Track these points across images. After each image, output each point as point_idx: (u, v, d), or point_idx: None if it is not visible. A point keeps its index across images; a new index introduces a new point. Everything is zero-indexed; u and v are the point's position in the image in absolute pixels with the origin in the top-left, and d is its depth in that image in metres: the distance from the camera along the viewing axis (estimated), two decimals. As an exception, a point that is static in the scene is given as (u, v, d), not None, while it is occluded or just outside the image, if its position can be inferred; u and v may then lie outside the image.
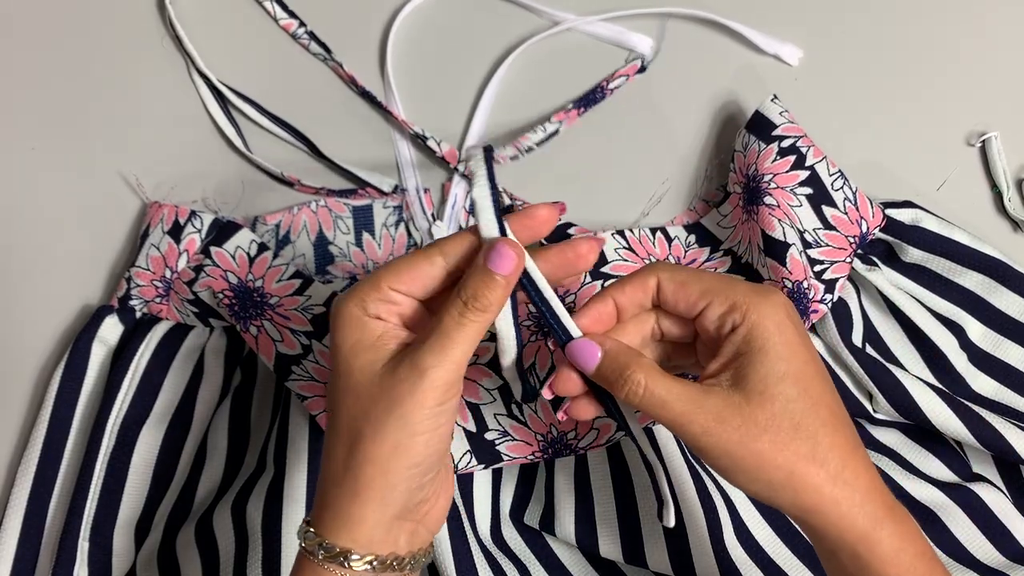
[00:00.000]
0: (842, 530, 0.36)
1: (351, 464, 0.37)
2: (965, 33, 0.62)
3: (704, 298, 0.38)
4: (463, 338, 0.36)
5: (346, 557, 0.37)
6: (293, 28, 0.62)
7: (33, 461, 0.53)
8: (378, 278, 0.38)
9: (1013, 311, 0.54)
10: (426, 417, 0.36)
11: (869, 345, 0.54)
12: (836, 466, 0.36)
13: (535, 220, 0.39)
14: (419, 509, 0.39)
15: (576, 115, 0.59)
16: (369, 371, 0.37)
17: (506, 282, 0.37)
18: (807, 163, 0.54)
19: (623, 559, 0.50)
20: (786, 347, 0.36)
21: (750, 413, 0.36)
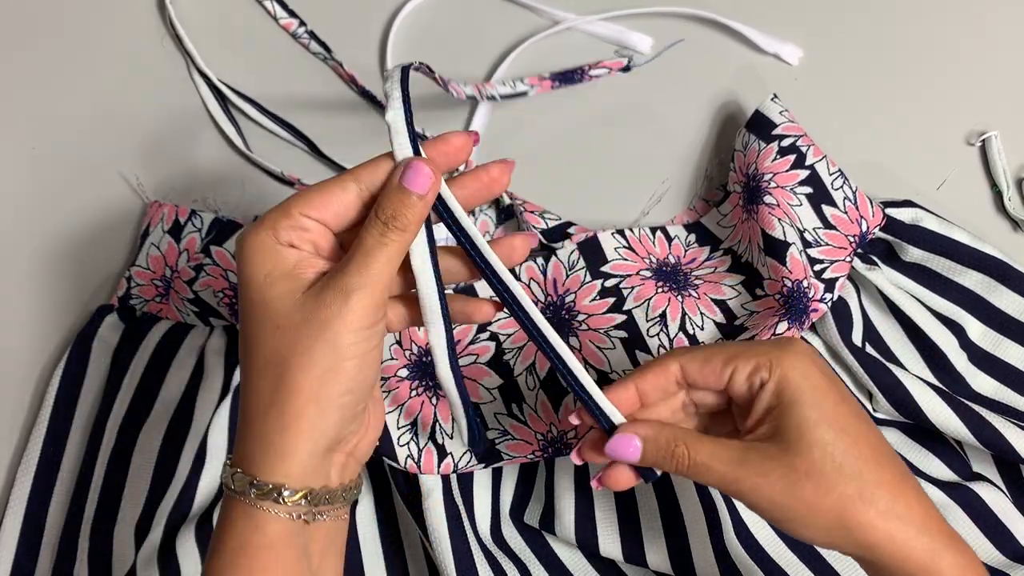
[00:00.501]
0: (900, 564, 0.36)
1: (277, 397, 0.36)
2: (965, 33, 0.62)
3: (729, 365, 0.39)
4: (385, 257, 0.36)
5: (279, 493, 0.36)
6: (293, 27, 0.62)
7: (33, 461, 0.53)
8: (288, 204, 0.37)
9: (1013, 310, 0.54)
10: (356, 341, 0.36)
11: (869, 344, 0.54)
12: (886, 502, 0.36)
13: (450, 146, 0.39)
14: (349, 440, 0.39)
15: (549, 85, 0.59)
16: (288, 300, 0.36)
17: (423, 202, 0.37)
18: (807, 162, 0.54)
19: (623, 558, 0.50)
20: (815, 393, 0.37)
21: (790, 462, 0.36)
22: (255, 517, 0.36)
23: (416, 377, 0.50)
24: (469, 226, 0.39)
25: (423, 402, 0.50)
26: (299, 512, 0.36)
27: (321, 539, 0.38)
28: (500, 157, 0.59)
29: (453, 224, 0.39)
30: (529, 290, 0.53)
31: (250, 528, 0.36)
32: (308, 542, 0.37)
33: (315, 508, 0.37)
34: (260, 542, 0.36)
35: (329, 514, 0.38)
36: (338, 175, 0.38)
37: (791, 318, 0.50)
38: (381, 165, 0.38)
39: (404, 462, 0.48)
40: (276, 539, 0.36)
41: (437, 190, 0.38)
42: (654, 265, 0.55)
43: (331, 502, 0.38)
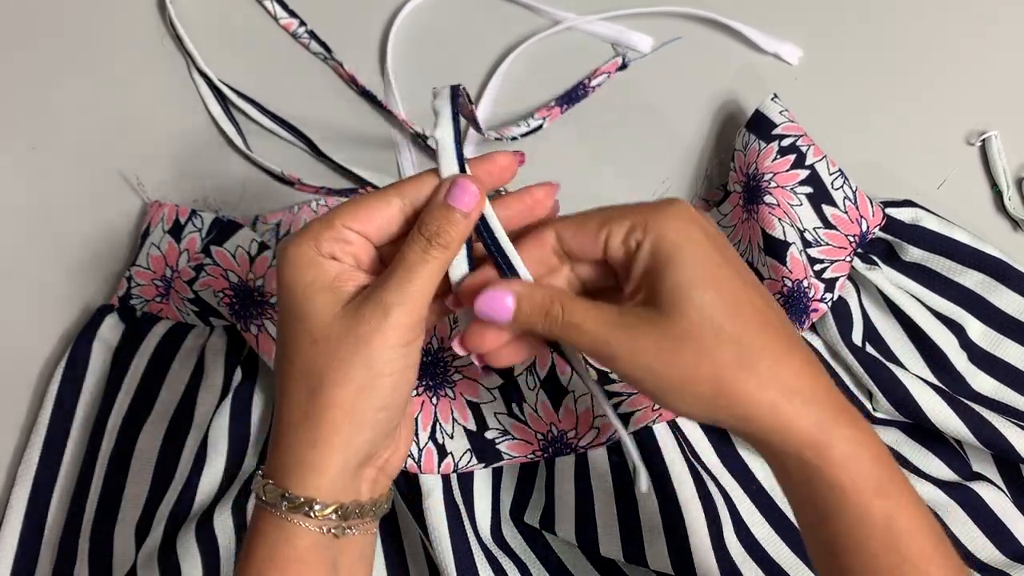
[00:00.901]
0: (786, 436, 0.34)
1: (312, 410, 0.35)
2: (965, 33, 0.62)
3: (603, 228, 0.36)
4: (427, 274, 0.36)
5: (310, 507, 0.36)
6: (293, 27, 0.62)
7: (33, 461, 0.53)
8: (332, 216, 0.36)
9: (1013, 310, 0.54)
10: (393, 358, 0.35)
11: (869, 344, 0.54)
12: (768, 369, 0.33)
13: (496, 166, 0.38)
14: (380, 456, 0.38)
15: (559, 112, 0.59)
16: (328, 312, 0.35)
17: (466, 220, 0.36)
18: (807, 162, 0.54)
19: (623, 558, 0.50)
20: (694, 252, 0.34)
21: (666, 326, 0.34)
22: (285, 530, 0.36)
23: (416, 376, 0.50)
24: (509, 248, 0.38)
25: (423, 402, 0.50)
26: (329, 526, 0.36)
27: (350, 553, 0.38)
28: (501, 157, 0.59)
29: (492, 244, 0.38)
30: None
31: (280, 540, 0.36)
32: (337, 556, 0.37)
33: (345, 523, 0.37)
34: (290, 555, 0.36)
35: (358, 528, 0.37)
36: (382, 188, 0.38)
37: (791, 317, 0.50)
38: (426, 181, 0.37)
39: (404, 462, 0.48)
40: (306, 552, 0.36)
41: (481, 209, 0.37)
42: (654, 265, 0.55)
43: (361, 516, 0.37)
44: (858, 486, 0.33)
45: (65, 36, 0.63)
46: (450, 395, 0.51)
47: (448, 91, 0.39)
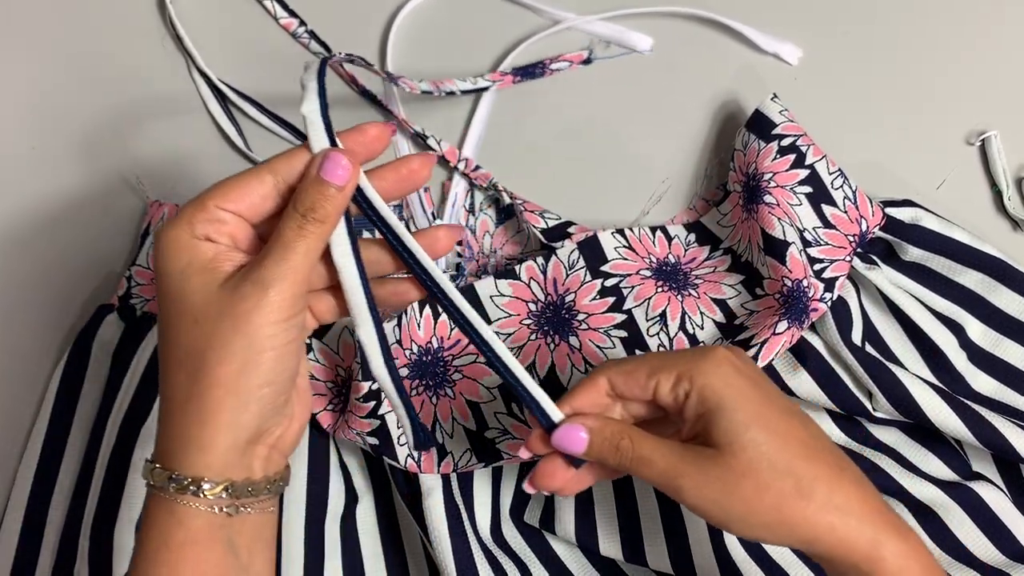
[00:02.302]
0: (844, 554, 0.36)
1: (195, 390, 0.36)
2: (965, 33, 0.62)
3: (652, 378, 0.39)
4: (304, 249, 0.36)
5: (198, 486, 0.36)
6: (293, 27, 0.62)
7: (33, 461, 0.53)
8: (204, 197, 0.36)
9: (1013, 310, 0.54)
10: (274, 333, 0.35)
11: (869, 344, 0.54)
12: (823, 495, 0.36)
13: (366, 136, 0.39)
14: (272, 432, 0.38)
15: (511, 81, 0.59)
16: (205, 292, 0.36)
17: (341, 193, 0.37)
18: (807, 162, 0.54)
19: (623, 558, 0.50)
20: (738, 398, 0.37)
21: (727, 463, 0.37)
22: (176, 512, 0.36)
23: (416, 376, 0.50)
24: (389, 216, 0.39)
25: (423, 401, 0.50)
26: (221, 505, 0.36)
27: (248, 532, 0.38)
28: (501, 158, 0.60)
29: (373, 215, 0.38)
30: (529, 289, 0.53)
31: (172, 524, 0.36)
32: (234, 536, 0.37)
33: (238, 501, 0.37)
34: (183, 538, 0.36)
35: (254, 507, 0.37)
36: (253, 167, 0.38)
37: (791, 317, 0.50)
38: (297, 156, 0.37)
39: (404, 461, 0.48)
40: (199, 534, 0.36)
41: (356, 181, 0.38)
42: (654, 265, 0.55)
43: (255, 494, 0.37)
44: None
45: (65, 36, 0.63)
46: (450, 395, 0.51)
47: (316, 64, 0.39)
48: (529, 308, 0.53)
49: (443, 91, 0.56)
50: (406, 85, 0.53)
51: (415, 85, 0.55)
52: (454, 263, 0.58)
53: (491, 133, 0.61)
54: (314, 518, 0.49)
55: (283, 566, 0.47)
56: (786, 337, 0.50)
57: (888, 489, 0.52)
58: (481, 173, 0.58)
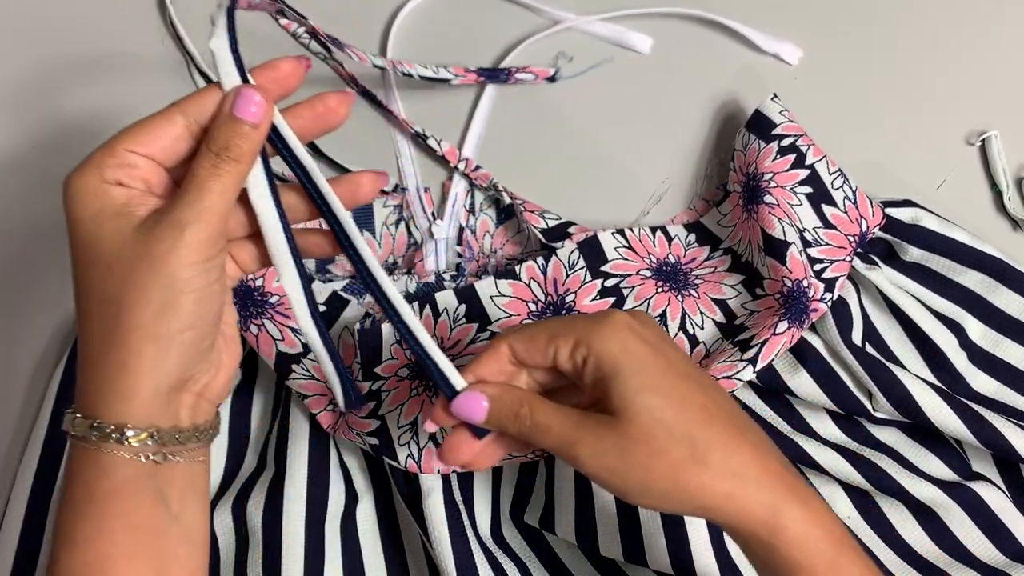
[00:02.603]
0: (743, 521, 0.36)
1: (114, 337, 0.34)
2: (965, 33, 0.62)
3: (551, 344, 0.38)
4: (220, 188, 0.35)
5: (121, 433, 0.34)
6: (293, 27, 0.62)
7: (34, 460, 0.53)
8: (113, 141, 0.35)
9: (1013, 310, 0.54)
10: (192, 275, 0.34)
11: (869, 344, 0.54)
12: (719, 460, 0.36)
13: (279, 72, 0.37)
14: (198, 380, 0.37)
15: (473, 79, 0.58)
16: (119, 238, 0.34)
17: (256, 130, 0.35)
18: (807, 162, 0.54)
19: (623, 558, 0.50)
20: (635, 363, 0.37)
21: (623, 430, 0.36)
22: (100, 462, 0.35)
23: (416, 376, 0.50)
24: (304, 157, 0.38)
25: (423, 402, 0.50)
26: (147, 453, 0.35)
27: (178, 482, 0.37)
28: (501, 158, 0.60)
29: (288, 155, 0.37)
30: (529, 289, 0.53)
31: (95, 474, 0.35)
32: (163, 485, 0.36)
33: (165, 448, 0.36)
34: (108, 487, 0.35)
35: (182, 455, 0.36)
36: (164, 108, 0.36)
37: (791, 318, 0.50)
38: (209, 95, 0.36)
39: (404, 462, 0.48)
40: (124, 483, 0.35)
41: (270, 119, 0.36)
42: (654, 265, 0.55)
43: (182, 442, 0.36)
44: (812, 563, 0.36)
45: (65, 36, 0.63)
46: (450, 395, 0.51)
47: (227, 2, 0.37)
48: (529, 308, 0.53)
49: (400, 71, 0.55)
50: (355, 54, 0.52)
51: (366, 57, 0.54)
52: (454, 263, 0.58)
53: (491, 133, 0.61)
54: (314, 518, 0.49)
55: (283, 567, 0.47)
56: (786, 337, 0.50)
57: (888, 489, 0.52)
58: (481, 173, 0.58)
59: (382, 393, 0.48)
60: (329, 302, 0.53)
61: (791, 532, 0.36)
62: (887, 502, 0.51)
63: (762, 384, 0.53)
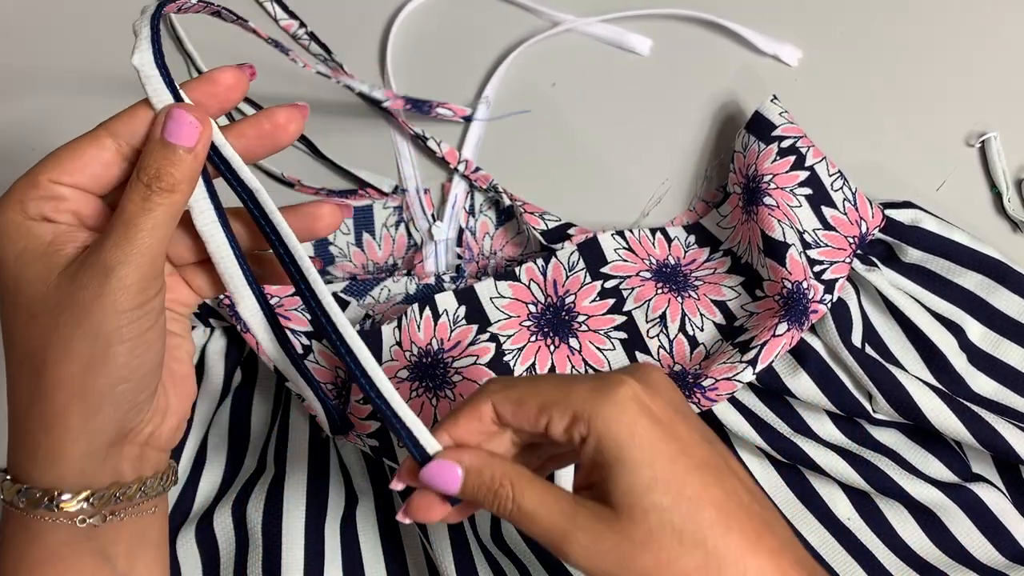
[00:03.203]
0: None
1: (38, 394, 0.31)
2: (965, 33, 0.62)
3: (544, 414, 0.33)
4: (151, 224, 0.31)
5: (52, 499, 0.31)
6: (293, 29, 0.62)
7: None
8: (35, 172, 0.32)
9: (1013, 311, 0.54)
10: (123, 324, 0.31)
11: (868, 345, 0.54)
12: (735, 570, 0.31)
13: (218, 85, 0.33)
14: (140, 431, 0.34)
15: (400, 105, 0.58)
16: (42, 282, 0.31)
17: (191, 155, 0.31)
18: (807, 163, 0.54)
19: (623, 559, 0.50)
20: (644, 451, 0.31)
21: (624, 529, 0.31)
22: (31, 529, 0.32)
23: (416, 378, 0.50)
24: (251, 180, 0.33)
25: (423, 403, 0.50)
26: (84, 516, 0.32)
27: (125, 539, 0.34)
28: (501, 160, 0.60)
29: (232, 178, 0.33)
30: (529, 291, 0.53)
31: (25, 542, 0.32)
32: (106, 545, 0.33)
33: (104, 509, 0.33)
34: (41, 555, 0.32)
35: (126, 512, 0.33)
36: (91, 130, 0.33)
37: (791, 319, 0.50)
38: (138, 115, 0.32)
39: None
40: (60, 549, 0.32)
41: (208, 141, 0.32)
42: (654, 266, 0.55)
43: (128, 498, 0.33)
44: None
45: (65, 36, 0.63)
46: (450, 396, 0.51)
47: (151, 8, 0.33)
48: (529, 310, 0.53)
49: (340, 81, 0.54)
50: (300, 60, 0.51)
51: (311, 64, 0.52)
52: (454, 265, 0.58)
53: (491, 134, 0.61)
54: (314, 519, 0.49)
55: (283, 568, 0.47)
56: (786, 339, 0.50)
57: (888, 490, 0.52)
58: (481, 175, 0.58)
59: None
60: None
61: None
62: (887, 503, 0.51)
63: (762, 385, 0.53)
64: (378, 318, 0.53)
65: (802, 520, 0.53)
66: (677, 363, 0.52)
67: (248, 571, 0.48)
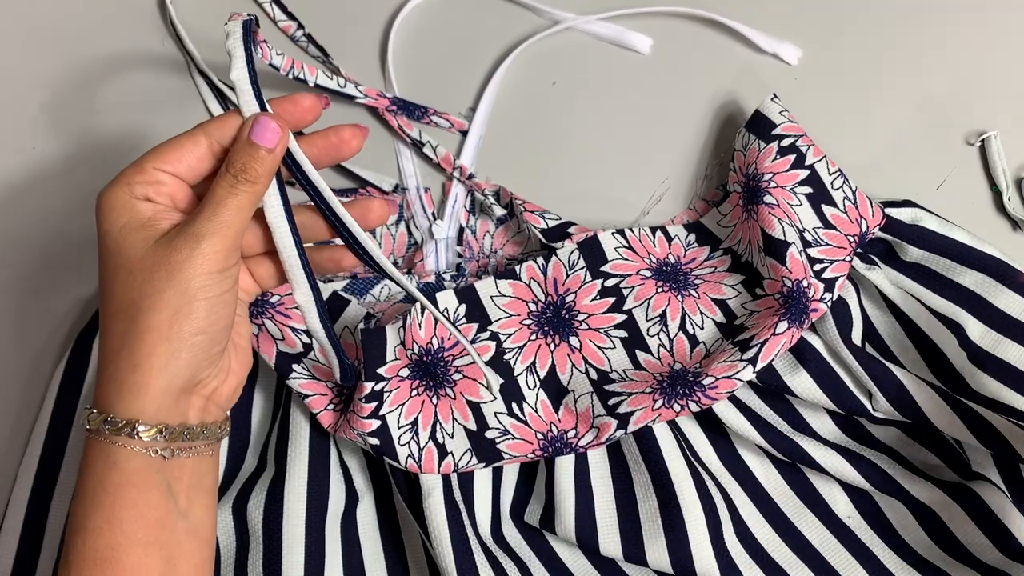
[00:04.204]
0: None
1: (130, 337, 0.37)
2: (965, 33, 0.62)
3: None
4: (236, 205, 0.38)
5: (133, 427, 0.37)
6: (292, 30, 0.62)
7: (34, 460, 0.53)
8: (142, 160, 0.39)
9: (1013, 310, 0.54)
10: (206, 284, 0.37)
11: (869, 344, 0.54)
12: None
13: (298, 106, 0.41)
14: (207, 384, 0.40)
15: (384, 104, 0.59)
16: (142, 247, 0.37)
17: (271, 155, 0.38)
18: (807, 162, 0.54)
19: (623, 557, 0.50)
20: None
21: None
22: (112, 455, 0.37)
23: (416, 377, 0.50)
24: (318, 180, 0.41)
25: (423, 402, 0.50)
26: (156, 448, 0.37)
27: (186, 478, 0.39)
28: (501, 159, 0.60)
29: (302, 178, 0.40)
30: (529, 289, 0.53)
31: (107, 466, 0.37)
32: (172, 481, 0.38)
33: (173, 444, 0.38)
34: (118, 479, 0.37)
35: (190, 452, 0.39)
36: (189, 129, 0.40)
37: (791, 318, 0.50)
38: (230, 120, 0.39)
39: (405, 461, 0.49)
40: (134, 475, 0.37)
41: (285, 145, 0.39)
42: (654, 265, 0.55)
43: (191, 439, 0.39)
44: None
45: (65, 36, 0.63)
46: (450, 395, 0.51)
47: (239, 30, 0.41)
48: (529, 308, 0.53)
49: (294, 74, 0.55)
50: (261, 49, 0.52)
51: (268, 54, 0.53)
52: (455, 263, 0.58)
53: (490, 133, 0.61)
54: (314, 518, 0.49)
55: (283, 566, 0.48)
56: (786, 337, 0.50)
57: (888, 489, 0.52)
58: (475, 182, 0.59)
59: (384, 394, 0.48)
60: (329, 301, 0.53)
61: None
62: (887, 502, 0.51)
63: (762, 384, 0.53)
64: (379, 317, 0.53)
65: (802, 519, 0.53)
66: (677, 361, 0.52)
67: (248, 569, 0.48)
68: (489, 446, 0.50)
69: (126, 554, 0.37)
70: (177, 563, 0.38)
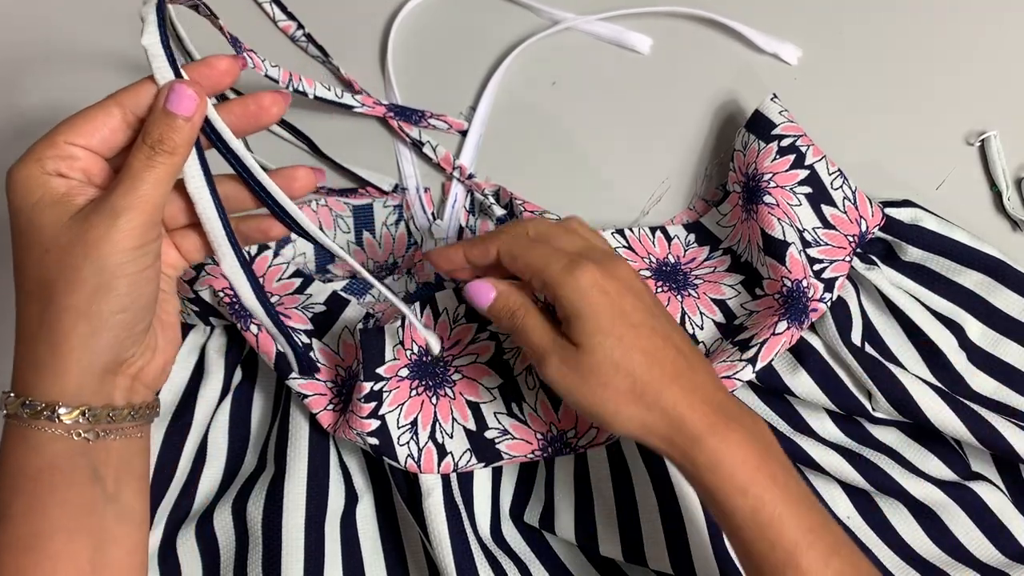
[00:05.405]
0: (667, 451, 0.41)
1: (47, 317, 0.36)
2: (965, 33, 0.62)
3: (527, 275, 0.43)
4: (154, 178, 0.36)
5: (53, 410, 0.36)
6: (292, 30, 0.62)
7: None
8: (53, 134, 0.37)
9: (1012, 310, 0.54)
10: (126, 260, 0.36)
11: (868, 344, 0.54)
12: (652, 397, 0.41)
13: (214, 70, 0.39)
14: (132, 363, 0.39)
15: (381, 111, 0.59)
16: (57, 224, 0.36)
17: (189, 125, 0.37)
18: (806, 162, 0.54)
19: (623, 558, 0.50)
20: (593, 310, 0.41)
21: (580, 359, 0.41)
22: (30, 439, 0.36)
23: (416, 377, 0.50)
24: (239, 148, 0.39)
25: (423, 401, 0.50)
26: (79, 431, 0.37)
27: (114, 461, 0.38)
28: (501, 159, 0.60)
29: (222, 147, 0.39)
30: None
31: (26, 451, 0.36)
32: (97, 464, 0.37)
33: (97, 426, 0.37)
34: (39, 464, 0.36)
35: (117, 434, 0.38)
36: (101, 100, 0.38)
37: (790, 318, 0.50)
38: (144, 89, 0.38)
39: (404, 461, 0.49)
40: (56, 459, 0.36)
41: (203, 113, 0.38)
42: (654, 265, 0.55)
43: (116, 420, 0.38)
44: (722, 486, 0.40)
45: (65, 36, 0.63)
46: (450, 395, 0.51)
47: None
48: None
49: (293, 86, 0.54)
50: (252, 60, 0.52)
51: (261, 66, 0.53)
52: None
53: (490, 133, 0.61)
54: (314, 518, 0.49)
55: (283, 566, 0.48)
56: (786, 337, 0.50)
57: (888, 489, 0.52)
58: (474, 182, 0.59)
59: (383, 393, 0.48)
60: (329, 302, 0.53)
61: (702, 460, 0.40)
62: (887, 502, 0.51)
63: (762, 384, 0.53)
64: (379, 317, 0.53)
65: (802, 519, 0.53)
66: (677, 362, 0.52)
67: (248, 569, 0.48)
68: (489, 446, 0.50)
69: (51, 540, 0.36)
70: (107, 548, 0.37)
